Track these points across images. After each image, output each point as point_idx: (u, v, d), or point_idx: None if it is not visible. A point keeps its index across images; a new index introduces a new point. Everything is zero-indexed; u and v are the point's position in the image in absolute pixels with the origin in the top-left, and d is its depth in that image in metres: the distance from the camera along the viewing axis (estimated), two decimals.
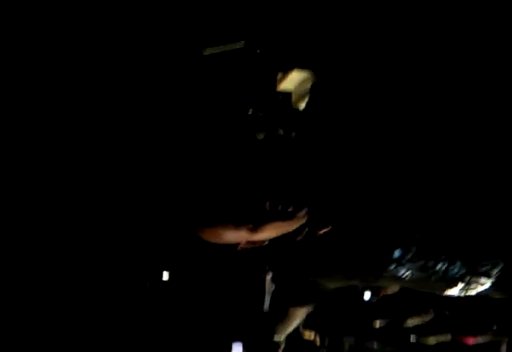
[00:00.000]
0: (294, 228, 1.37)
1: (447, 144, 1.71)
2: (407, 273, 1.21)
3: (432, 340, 2.61)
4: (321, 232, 1.43)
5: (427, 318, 2.48)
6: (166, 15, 2.51)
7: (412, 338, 2.63)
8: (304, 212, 1.28)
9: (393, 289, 2.20)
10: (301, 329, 2.97)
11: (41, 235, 2.57)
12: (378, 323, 2.56)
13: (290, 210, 1.23)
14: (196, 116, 2.50)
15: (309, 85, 2.53)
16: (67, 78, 2.43)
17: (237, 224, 1.22)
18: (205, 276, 2.78)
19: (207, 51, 2.50)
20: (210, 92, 2.54)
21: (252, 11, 2.51)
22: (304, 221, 1.34)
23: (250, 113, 2.47)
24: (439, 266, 1.20)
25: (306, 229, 1.41)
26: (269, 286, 2.93)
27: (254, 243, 1.36)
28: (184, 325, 2.78)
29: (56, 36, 2.38)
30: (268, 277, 3.24)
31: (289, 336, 2.59)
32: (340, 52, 2.48)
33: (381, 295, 2.43)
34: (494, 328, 2.31)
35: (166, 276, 2.86)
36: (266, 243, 1.41)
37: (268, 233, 1.30)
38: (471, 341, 2.53)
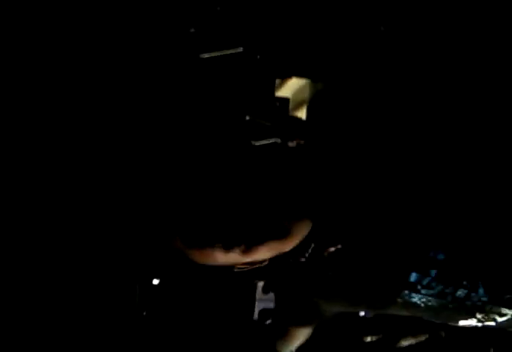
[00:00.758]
0: (292, 246, 1.30)
1: (466, 159, 1.68)
2: (422, 300, 1.14)
3: None
4: (329, 251, 1.37)
5: (421, 339, 2.44)
6: (163, 18, 2.47)
7: None
8: (301, 228, 1.20)
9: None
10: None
11: (33, 238, 2.53)
12: (369, 338, 2.52)
13: (285, 226, 1.15)
14: (191, 122, 2.46)
15: (307, 93, 2.51)
16: (65, 78, 2.38)
17: (227, 246, 1.14)
18: (195, 281, 2.74)
19: (205, 56, 2.46)
20: (206, 97, 2.51)
21: (251, 16, 2.48)
22: (301, 237, 1.26)
23: (247, 119, 2.44)
24: (459, 293, 1.13)
25: (311, 248, 1.35)
26: (260, 293, 2.90)
27: (251, 263, 1.28)
28: (174, 333, 2.75)
29: (56, 36, 2.33)
30: (260, 284, 3.21)
31: None
32: (340, 60, 2.46)
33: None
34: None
35: (156, 281, 2.82)
36: (265, 263, 1.35)
37: (263, 254, 1.23)
38: None
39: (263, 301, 3.35)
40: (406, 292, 1.16)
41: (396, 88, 2.31)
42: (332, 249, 1.34)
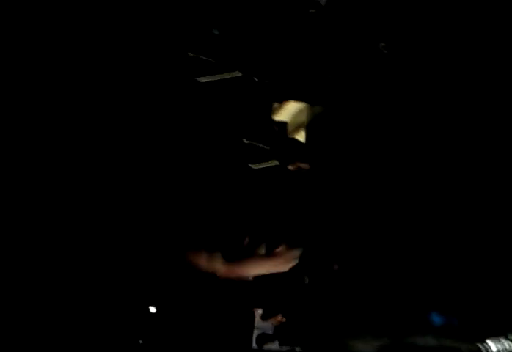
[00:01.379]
0: (285, 269, 1.28)
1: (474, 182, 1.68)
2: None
3: None
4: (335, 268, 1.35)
5: None
6: (162, 41, 2.48)
7: None
8: (295, 253, 1.18)
9: None
10: None
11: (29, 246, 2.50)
12: None
13: (278, 250, 1.14)
14: (188, 143, 2.46)
15: (305, 117, 2.51)
16: (66, 80, 2.38)
17: (209, 254, 1.13)
18: (193, 307, 2.70)
19: (203, 80, 2.47)
20: (204, 120, 2.50)
21: (250, 41, 2.49)
22: (294, 263, 1.24)
23: (245, 143, 2.44)
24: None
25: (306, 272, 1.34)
26: (259, 321, 2.85)
27: (237, 276, 1.26)
28: None
29: (56, 36, 2.34)
30: (259, 312, 3.18)
31: None
32: (337, 83, 2.47)
33: None
34: None
35: (153, 309, 2.78)
36: (250, 278, 1.33)
37: (250, 270, 1.21)
38: None
39: (260, 328, 3.31)
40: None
41: (393, 111, 2.32)
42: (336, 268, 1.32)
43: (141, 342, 2.77)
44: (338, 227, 1.71)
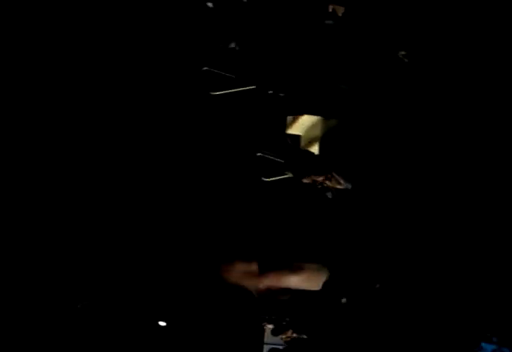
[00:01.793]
0: (315, 285, 1.26)
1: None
2: None
3: None
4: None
5: None
6: (177, 54, 2.50)
7: None
8: (317, 273, 1.17)
9: None
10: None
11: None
12: None
13: (310, 264, 1.13)
14: (204, 155, 2.46)
15: (319, 130, 2.52)
16: (69, 80, 2.39)
17: (245, 266, 1.13)
18: (203, 321, 2.68)
19: (217, 93, 2.48)
20: (219, 133, 2.51)
21: (264, 55, 2.51)
22: (324, 279, 1.22)
23: (258, 155, 2.44)
24: None
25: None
26: (269, 336, 2.83)
27: (273, 292, 1.24)
28: None
29: (65, 37, 2.35)
30: (269, 326, 3.14)
31: None
32: (351, 97, 2.47)
33: None
34: None
35: (163, 323, 2.77)
36: (285, 298, 1.30)
37: (285, 282, 1.20)
38: None
39: (270, 344, 3.27)
40: None
41: (405, 124, 2.32)
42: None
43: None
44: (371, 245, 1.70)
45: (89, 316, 2.68)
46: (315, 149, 2.52)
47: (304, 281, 1.22)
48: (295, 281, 1.22)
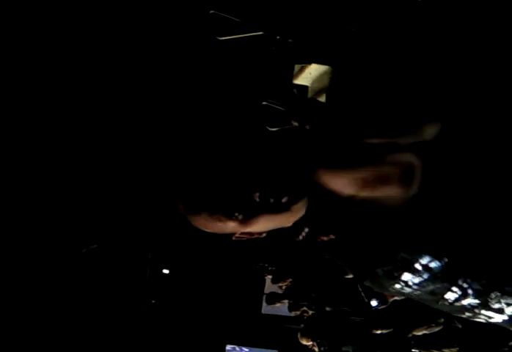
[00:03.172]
0: (291, 222, 1.23)
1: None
2: (415, 293, 1.09)
3: None
4: (323, 238, 1.30)
5: (434, 329, 2.36)
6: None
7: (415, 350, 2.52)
8: (300, 204, 1.14)
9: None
10: (299, 336, 2.86)
11: (38, 230, 2.49)
12: (379, 331, 2.45)
13: (284, 201, 1.10)
14: (207, 104, 2.41)
15: (326, 81, 2.45)
16: (73, 78, 2.35)
17: (227, 214, 1.10)
18: (204, 272, 2.68)
19: (224, 38, 2.41)
20: (224, 80, 2.45)
21: (274, 2, 2.43)
22: (300, 214, 1.19)
23: (264, 104, 2.39)
24: (448, 295, 1.07)
25: (306, 230, 1.29)
26: (269, 286, 2.84)
27: (250, 234, 1.23)
28: (181, 325, 2.70)
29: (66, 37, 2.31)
30: (269, 277, 3.15)
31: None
32: (361, 46, 2.39)
33: (390, 301, 2.33)
34: (511, 344, 2.19)
35: (166, 271, 2.78)
36: (264, 235, 1.29)
37: (262, 225, 1.18)
38: None
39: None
40: (398, 286, 1.10)
41: (415, 74, 2.24)
42: (327, 238, 1.27)
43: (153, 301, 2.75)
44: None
45: (93, 261, 2.68)
46: (322, 99, 2.46)
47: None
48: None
